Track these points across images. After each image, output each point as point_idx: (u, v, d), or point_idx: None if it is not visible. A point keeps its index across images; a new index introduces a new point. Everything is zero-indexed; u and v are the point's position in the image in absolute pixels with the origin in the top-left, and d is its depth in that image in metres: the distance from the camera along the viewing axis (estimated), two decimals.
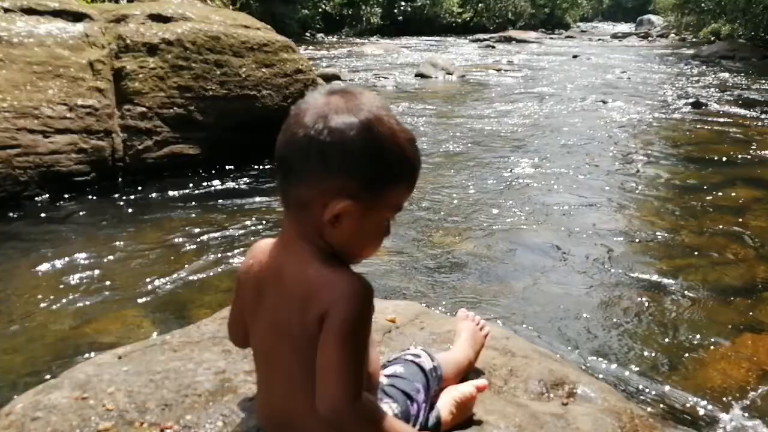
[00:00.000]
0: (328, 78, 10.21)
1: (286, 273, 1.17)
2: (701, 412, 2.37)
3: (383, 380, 1.32)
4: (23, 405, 1.68)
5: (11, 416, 1.64)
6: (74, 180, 4.80)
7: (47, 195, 4.66)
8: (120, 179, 5.13)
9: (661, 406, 2.40)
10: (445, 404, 1.48)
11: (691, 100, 9.56)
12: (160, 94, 5.36)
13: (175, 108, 5.41)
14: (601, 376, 2.52)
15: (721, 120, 8.25)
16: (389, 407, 1.29)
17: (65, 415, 1.58)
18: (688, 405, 2.41)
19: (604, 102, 9.60)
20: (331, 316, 1.09)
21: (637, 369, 2.68)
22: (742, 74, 12.26)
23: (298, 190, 1.13)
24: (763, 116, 8.36)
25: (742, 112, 8.67)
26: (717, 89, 10.75)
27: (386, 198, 1.15)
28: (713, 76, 12.35)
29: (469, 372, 1.67)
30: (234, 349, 1.88)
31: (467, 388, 1.55)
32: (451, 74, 12.99)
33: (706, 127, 7.90)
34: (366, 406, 1.12)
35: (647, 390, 2.50)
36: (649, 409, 2.22)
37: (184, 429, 1.50)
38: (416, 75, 12.81)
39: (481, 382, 1.61)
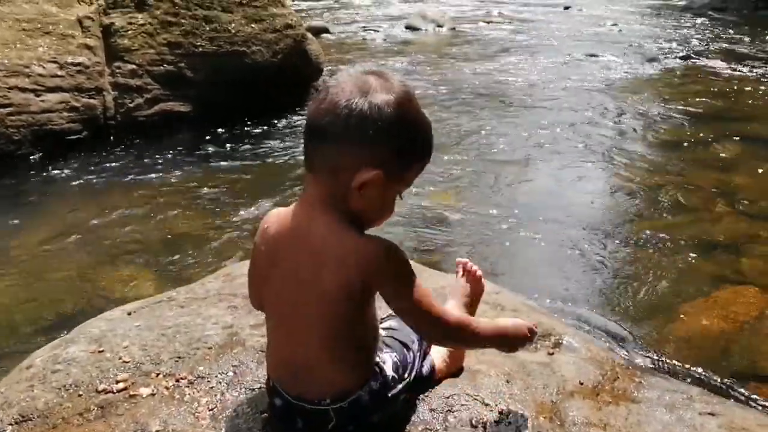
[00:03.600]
0: (317, 31, 10.10)
1: (313, 234, 1.27)
2: (680, 362, 2.52)
3: (382, 332, 1.43)
4: (42, 358, 1.78)
5: (32, 369, 1.74)
6: (67, 138, 4.82)
7: (40, 154, 4.69)
8: (112, 137, 5.15)
9: (642, 355, 2.55)
10: (439, 354, 1.59)
11: (681, 54, 9.56)
12: (150, 51, 5.34)
13: (165, 65, 5.40)
14: (585, 328, 2.66)
15: (711, 74, 8.28)
16: (389, 356, 1.40)
17: (84, 368, 1.69)
18: (667, 355, 2.56)
19: (595, 56, 9.58)
20: (385, 282, 1.26)
21: (620, 321, 2.82)
22: (734, 27, 12.22)
23: (331, 155, 1.23)
24: (752, 71, 8.39)
25: (732, 66, 8.69)
26: (708, 42, 10.73)
27: (407, 173, 1.29)
28: (705, 28, 12.31)
29: None
30: (239, 305, 1.99)
31: None
32: (441, 26, 12.85)
33: (695, 81, 7.93)
34: (459, 318, 1.36)
35: (629, 341, 2.65)
36: (629, 358, 2.36)
37: (198, 379, 1.61)
38: (406, 27, 12.66)
39: None
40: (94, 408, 1.54)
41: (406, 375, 1.41)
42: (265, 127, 5.69)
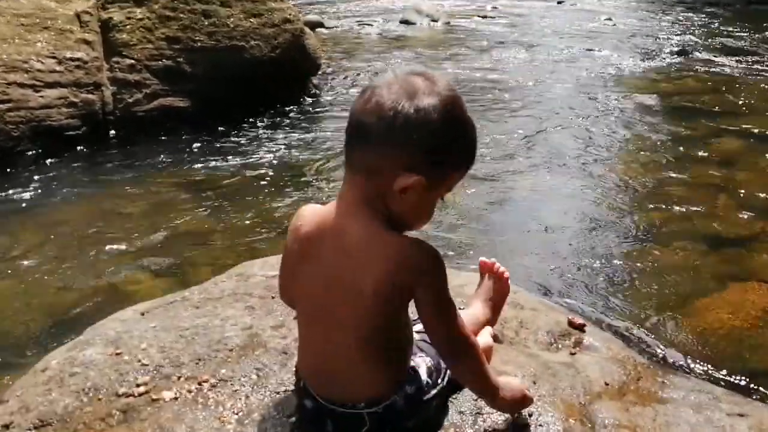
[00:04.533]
0: (313, 25, 10.04)
1: (351, 236, 1.24)
2: (698, 360, 2.52)
3: (415, 336, 1.40)
4: (58, 361, 1.75)
5: (48, 372, 1.71)
6: (66, 134, 4.77)
7: (40, 150, 4.64)
8: (111, 133, 5.11)
9: (659, 354, 2.55)
10: None
11: (676, 49, 9.56)
12: (149, 46, 5.29)
13: (163, 60, 5.36)
14: (602, 325, 2.65)
15: (707, 69, 8.29)
16: (423, 360, 1.38)
17: (103, 371, 1.66)
18: (684, 353, 2.56)
19: (590, 50, 9.58)
20: (422, 288, 1.23)
21: (632, 319, 2.82)
22: (727, 21, 12.24)
23: (373, 156, 1.20)
24: (747, 65, 8.42)
25: (727, 60, 8.71)
26: (702, 37, 10.75)
27: (449, 178, 1.26)
28: (698, 23, 12.33)
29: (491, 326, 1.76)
30: (257, 306, 1.96)
31: (484, 338, 1.64)
32: (436, 21, 12.80)
33: (691, 76, 7.94)
34: (475, 340, 1.34)
35: (643, 339, 2.65)
36: (648, 357, 2.36)
37: (221, 382, 1.58)
38: (401, 22, 12.61)
39: (489, 329, 1.71)
40: (116, 413, 1.51)
41: (439, 380, 1.40)
42: (264, 122, 5.66)
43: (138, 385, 1.59)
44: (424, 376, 1.36)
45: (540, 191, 4.35)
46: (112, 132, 5.08)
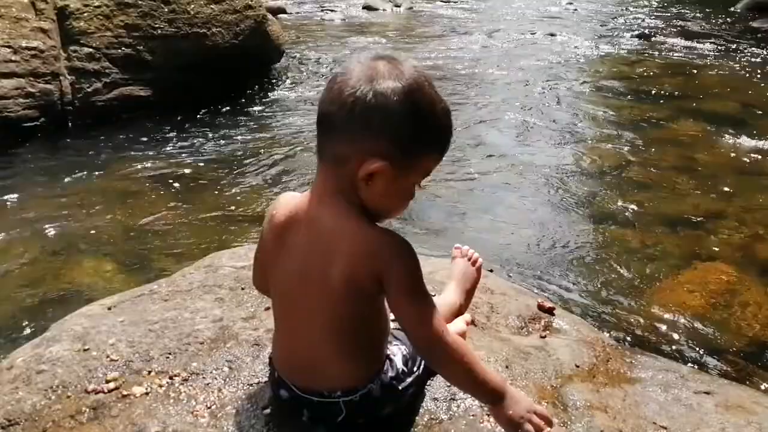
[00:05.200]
0: (274, 11, 9.90)
1: (322, 225, 1.23)
2: (664, 340, 2.58)
3: (390, 324, 1.40)
4: (24, 359, 1.71)
5: (14, 370, 1.67)
6: (23, 125, 4.64)
7: None
8: (70, 124, 4.98)
9: (626, 335, 2.60)
10: None
11: (637, 32, 9.70)
12: (107, 34, 5.17)
13: (123, 48, 5.24)
14: (571, 308, 2.69)
15: (667, 52, 8.43)
16: (399, 348, 1.38)
17: (70, 367, 1.62)
18: (650, 333, 2.62)
19: (553, 35, 9.65)
20: (391, 279, 1.19)
21: (602, 301, 2.88)
22: (687, 4, 12.44)
23: (338, 145, 1.19)
24: (706, 48, 8.58)
25: (687, 43, 8.87)
26: (662, 20, 10.91)
27: (418, 163, 1.22)
28: (658, 6, 12.51)
29: (461, 314, 1.77)
30: (226, 297, 1.94)
31: (458, 325, 1.66)
32: (399, 6, 12.76)
33: (652, 60, 8.07)
34: (454, 338, 1.24)
35: (610, 320, 2.70)
36: (616, 338, 2.41)
37: (193, 376, 1.56)
38: (363, 7, 12.52)
39: (467, 317, 1.73)
40: (86, 410, 1.48)
41: (415, 368, 1.40)
42: (226, 111, 5.58)
43: (108, 381, 1.56)
44: (399, 364, 1.36)
45: (503, 177, 4.38)
46: (72, 122, 4.96)
